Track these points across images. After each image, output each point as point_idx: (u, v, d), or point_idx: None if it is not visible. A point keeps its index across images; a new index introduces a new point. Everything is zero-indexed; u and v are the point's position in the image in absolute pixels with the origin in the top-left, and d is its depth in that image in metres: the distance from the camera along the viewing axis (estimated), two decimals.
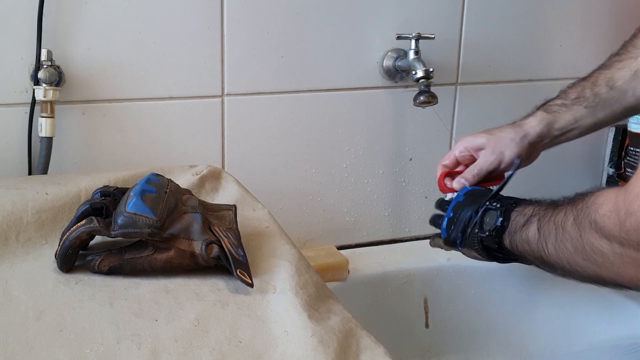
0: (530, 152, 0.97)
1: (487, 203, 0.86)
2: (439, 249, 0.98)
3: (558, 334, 1.30)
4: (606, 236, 0.64)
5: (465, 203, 0.90)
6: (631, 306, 1.17)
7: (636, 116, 1.39)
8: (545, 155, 1.45)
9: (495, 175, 0.98)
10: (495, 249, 0.85)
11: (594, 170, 1.51)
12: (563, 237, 0.72)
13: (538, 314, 1.31)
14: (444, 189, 1.00)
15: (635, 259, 0.62)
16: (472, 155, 0.98)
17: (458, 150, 0.99)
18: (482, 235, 0.85)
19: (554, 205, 0.76)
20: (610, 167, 1.50)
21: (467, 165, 0.99)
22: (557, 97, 0.97)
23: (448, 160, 1.00)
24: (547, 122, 0.95)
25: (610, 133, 1.49)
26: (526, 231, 0.79)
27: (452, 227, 0.90)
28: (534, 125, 0.95)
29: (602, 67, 0.94)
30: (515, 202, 0.84)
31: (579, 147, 1.48)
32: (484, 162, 0.96)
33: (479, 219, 0.86)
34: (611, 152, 1.50)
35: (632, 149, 1.42)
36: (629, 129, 1.42)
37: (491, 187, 0.93)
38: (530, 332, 1.33)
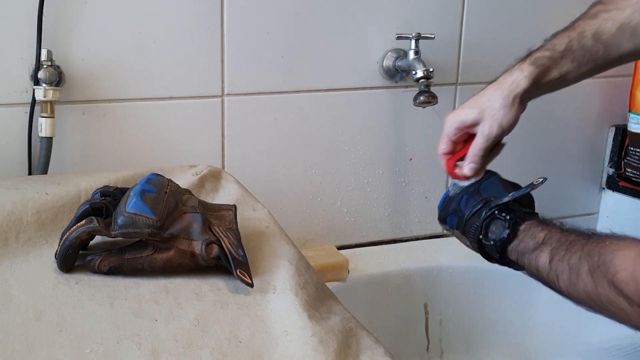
0: (522, 110, 0.90)
1: (496, 211, 0.84)
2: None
3: (558, 334, 1.30)
4: (625, 297, 0.65)
5: (474, 192, 0.89)
6: None
7: (636, 116, 1.39)
8: (545, 155, 1.45)
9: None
10: (496, 258, 0.85)
11: (594, 170, 1.51)
12: (577, 282, 0.72)
13: (538, 314, 1.31)
14: (458, 177, 0.94)
15: None
16: (466, 133, 0.92)
17: (451, 133, 0.92)
18: (486, 242, 0.84)
19: (567, 239, 0.75)
20: (610, 167, 1.50)
21: (465, 142, 0.93)
22: (544, 47, 0.90)
23: (446, 146, 0.94)
24: (534, 76, 0.87)
25: (610, 133, 1.49)
26: (536, 258, 0.78)
27: (452, 208, 0.90)
28: (521, 83, 0.87)
29: (587, 17, 0.89)
30: (522, 217, 0.83)
31: (579, 147, 1.48)
32: (487, 139, 0.89)
33: (485, 225, 0.85)
34: (611, 152, 1.50)
35: (632, 149, 1.42)
36: (629, 129, 1.42)
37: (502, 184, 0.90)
38: (530, 332, 1.33)
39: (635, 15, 0.85)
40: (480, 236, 0.85)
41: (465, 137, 0.93)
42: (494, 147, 0.92)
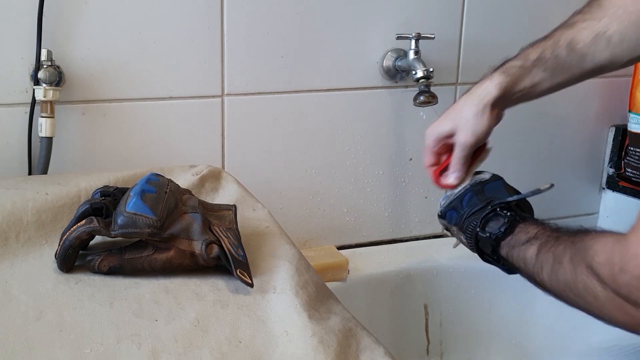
0: (497, 115, 0.92)
1: (498, 209, 0.86)
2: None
3: (558, 334, 1.30)
4: (600, 281, 0.65)
5: (478, 191, 0.91)
6: None
7: (636, 116, 1.39)
8: (545, 155, 1.45)
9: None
10: (488, 253, 0.86)
11: (594, 170, 1.51)
12: (558, 270, 0.72)
13: (538, 313, 1.31)
14: (446, 187, 0.97)
15: (625, 307, 0.63)
16: (446, 144, 0.95)
17: (432, 145, 0.95)
18: (482, 234, 0.86)
19: (557, 234, 0.76)
20: (610, 167, 1.50)
21: (448, 151, 0.96)
22: (517, 56, 0.92)
23: (430, 159, 0.96)
24: (504, 85, 0.89)
25: (610, 133, 1.49)
26: (525, 250, 0.79)
27: (453, 204, 0.92)
28: (490, 91, 0.89)
29: (565, 26, 0.90)
30: (523, 217, 0.85)
31: (579, 147, 1.48)
32: (464, 148, 0.92)
33: (485, 220, 0.86)
34: (611, 152, 1.50)
35: (632, 149, 1.42)
36: (629, 129, 1.42)
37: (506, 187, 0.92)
38: (530, 332, 1.33)
39: (611, 24, 0.85)
40: (478, 229, 0.86)
41: (448, 147, 0.95)
42: (479, 153, 0.95)
